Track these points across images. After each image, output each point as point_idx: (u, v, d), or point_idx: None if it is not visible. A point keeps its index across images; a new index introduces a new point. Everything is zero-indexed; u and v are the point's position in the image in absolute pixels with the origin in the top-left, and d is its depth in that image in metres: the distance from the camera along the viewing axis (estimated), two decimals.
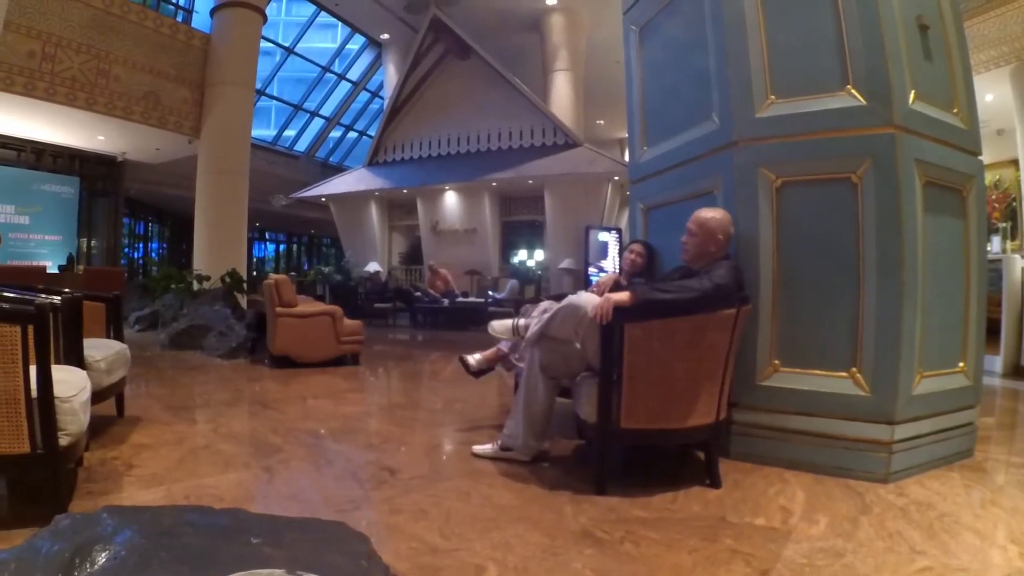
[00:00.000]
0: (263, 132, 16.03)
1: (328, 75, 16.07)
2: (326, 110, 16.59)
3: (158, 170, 11.95)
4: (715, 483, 2.16)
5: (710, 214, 2.39)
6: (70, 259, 10.41)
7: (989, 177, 7.43)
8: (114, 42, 8.36)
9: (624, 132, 12.23)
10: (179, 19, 10.00)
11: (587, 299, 2.25)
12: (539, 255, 13.53)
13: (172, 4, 10.43)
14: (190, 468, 2.33)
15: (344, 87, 16.63)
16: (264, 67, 11.71)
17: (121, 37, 8.43)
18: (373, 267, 12.48)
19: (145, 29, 8.75)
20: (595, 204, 12.04)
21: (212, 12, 9.38)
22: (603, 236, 11.65)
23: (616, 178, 11.58)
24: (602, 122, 18.11)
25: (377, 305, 10.82)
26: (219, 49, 9.25)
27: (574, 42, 13.33)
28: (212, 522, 1.31)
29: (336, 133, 17.59)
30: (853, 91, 2.30)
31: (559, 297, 2.55)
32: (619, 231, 11.90)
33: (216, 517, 1.35)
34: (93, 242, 11.90)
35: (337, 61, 16.17)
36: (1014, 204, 7.36)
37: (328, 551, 1.23)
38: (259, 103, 13.09)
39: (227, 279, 7.40)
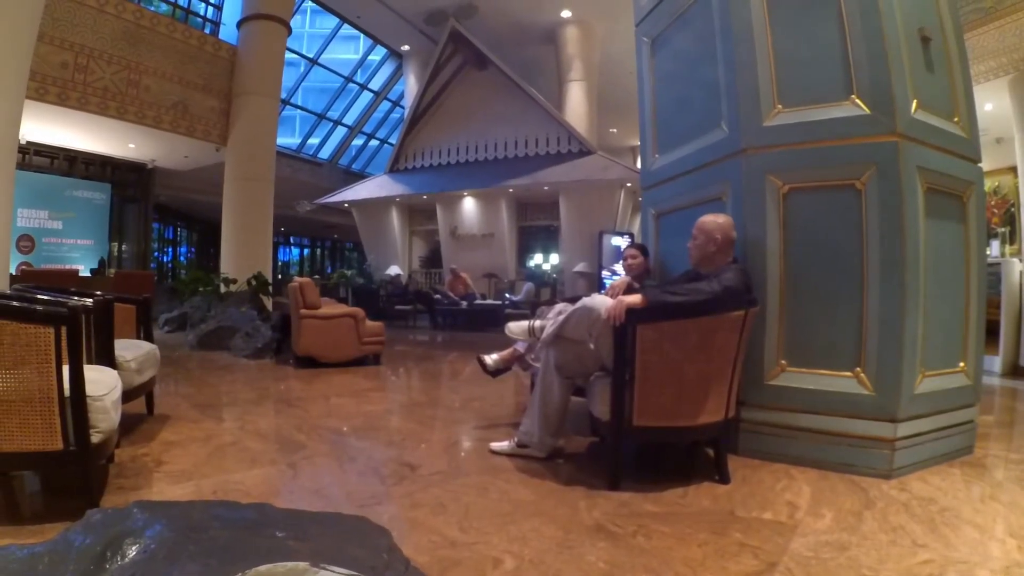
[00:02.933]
0: (288, 140, 16.35)
1: (351, 85, 16.35)
2: (349, 119, 16.86)
3: (187, 177, 12.29)
4: (724, 479, 2.22)
5: (710, 218, 2.47)
6: (101, 263, 10.75)
7: (988, 184, 7.46)
8: (144, 53, 8.65)
9: (636, 140, 12.25)
10: (207, 31, 10.28)
11: (600, 301, 2.31)
12: (554, 259, 13.59)
13: (200, 17, 10.75)
14: (217, 464, 2.38)
15: (366, 96, 16.90)
16: (289, 77, 11.96)
17: (151, 48, 8.73)
18: (394, 270, 12.65)
19: (174, 41, 9.05)
20: (608, 210, 12.11)
21: (239, 24, 9.66)
22: (616, 240, 11.71)
23: (628, 184, 11.63)
24: (615, 130, 18.18)
25: (398, 307, 10.99)
26: (245, 60, 9.53)
27: (588, 53, 13.49)
28: (239, 516, 1.36)
29: (358, 141, 17.83)
30: (857, 101, 2.37)
31: (573, 300, 2.60)
32: (631, 236, 11.94)
33: (243, 512, 1.39)
34: (124, 246, 12.26)
35: (359, 71, 16.47)
36: (1012, 210, 7.34)
37: (351, 544, 1.27)
38: (284, 112, 13.39)
39: (253, 282, 7.60)
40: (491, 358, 2.96)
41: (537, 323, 2.71)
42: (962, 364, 2.58)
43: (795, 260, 2.47)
